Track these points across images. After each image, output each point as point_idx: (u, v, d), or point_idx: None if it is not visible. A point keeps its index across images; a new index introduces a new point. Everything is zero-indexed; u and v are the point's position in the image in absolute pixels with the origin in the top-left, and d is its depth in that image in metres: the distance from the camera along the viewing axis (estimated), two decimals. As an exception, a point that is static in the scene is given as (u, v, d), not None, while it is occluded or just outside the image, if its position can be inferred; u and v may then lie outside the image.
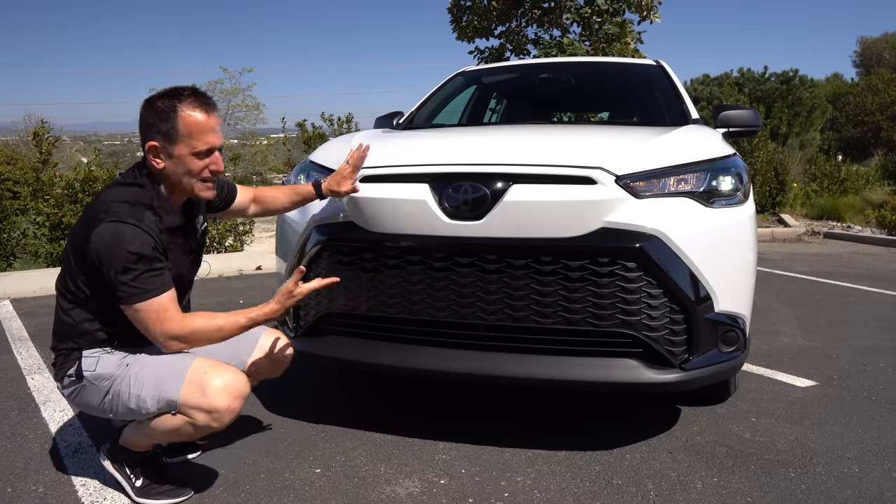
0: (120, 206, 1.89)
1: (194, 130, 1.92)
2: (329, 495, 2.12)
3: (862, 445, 2.49)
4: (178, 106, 1.92)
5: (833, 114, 28.94)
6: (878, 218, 10.55)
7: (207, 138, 1.95)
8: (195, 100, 1.95)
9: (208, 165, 1.98)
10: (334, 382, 3.17)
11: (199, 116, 1.93)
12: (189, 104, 1.93)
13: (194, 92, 1.97)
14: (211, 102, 1.99)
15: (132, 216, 1.87)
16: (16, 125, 22.40)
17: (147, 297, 1.85)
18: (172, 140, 1.93)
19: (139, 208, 1.91)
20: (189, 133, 1.92)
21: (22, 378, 3.24)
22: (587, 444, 2.47)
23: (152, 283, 1.86)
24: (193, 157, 1.95)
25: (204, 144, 1.94)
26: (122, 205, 1.90)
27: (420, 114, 3.96)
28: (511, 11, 10.42)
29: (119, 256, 1.83)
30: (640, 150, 2.39)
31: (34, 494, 2.11)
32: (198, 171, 1.97)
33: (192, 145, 1.93)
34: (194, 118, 1.92)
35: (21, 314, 4.67)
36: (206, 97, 1.99)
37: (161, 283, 1.88)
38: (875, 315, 4.78)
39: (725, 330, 2.29)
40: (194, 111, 1.93)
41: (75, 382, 2.00)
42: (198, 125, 1.93)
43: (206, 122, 1.94)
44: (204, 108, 1.95)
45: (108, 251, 1.83)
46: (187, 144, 1.93)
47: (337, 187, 2.41)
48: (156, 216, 1.95)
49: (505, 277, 2.22)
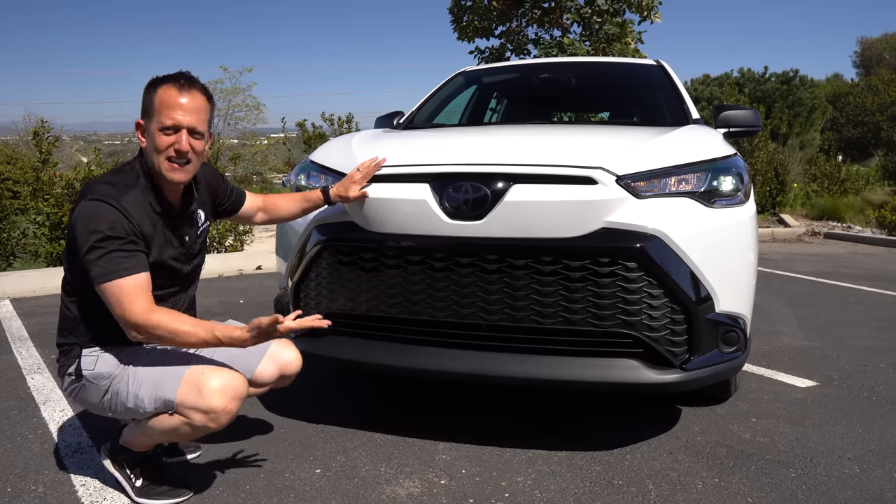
0: (102, 186, 1.92)
1: (163, 106, 1.94)
2: (329, 495, 2.11)
3: (862, 446, 2.49)
4: (158, 84, 1.97)
5: (833, 114, 28.95)
6: (879, 218, 10.55)
7: (173, 114, 1.94)
8: (174, 80, 1.97)
9: (173, 144, 1.96)
10: (334, 382, 3.17)
11: (171, 93, 1.95)
12: (168, 83, 1.96)
13: (179, 75, 2.00)
14: (189, 82, 1.99)
15: (111, 196, 1.89)
16: (16, 125, 22.41)
17: (111, 278, 1.82)
18: (149, 115, 1.97)
19: (120, 189, 1.92)
20: (160, 108, 1.95)
21: (22, 378, 3.24)
22: (588, 444, 2.47)
23: (119, 263, 1.83)
24: (160, 132, 1.95)
25: (169, 119, 1.94)
26: (104, 185, 1.92)
27: (420, 114, 3.96)
28: (511, 11, 10.43)
29: (88, 233, 1.83)
30: (641, 150, 2.39)
31: (34, 494, 2.11)
32: (163, 148, 1.96)
33: (160, 120, 1.94)
34: (166, 94, 1.95)
35: (21, 314, 4.67)
36: (186, 77, 2.00)
37: (129, 265, 1.85)
38: (875, 315, 4.77)
39: (726, 330, 2.28)
40: (170, 89, 1.95)
41: (75, 381, 2.00)
42: (167, 101, 1.94)
43: (175, 99, 1.94)
44: (178, 86, 1.96)
45: (80, 228, 1.85)
46: (157, 120, 1.95)
47: (345, 193, 2.40)
48: (141, 196, 1.96)
49: (505, 277, 2.22)
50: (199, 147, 2.01)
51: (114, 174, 2.00)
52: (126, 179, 1.97)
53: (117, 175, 1.99)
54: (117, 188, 1.92)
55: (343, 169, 2.54)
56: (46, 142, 6.81)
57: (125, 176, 1.98)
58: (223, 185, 2.36)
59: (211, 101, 2.05)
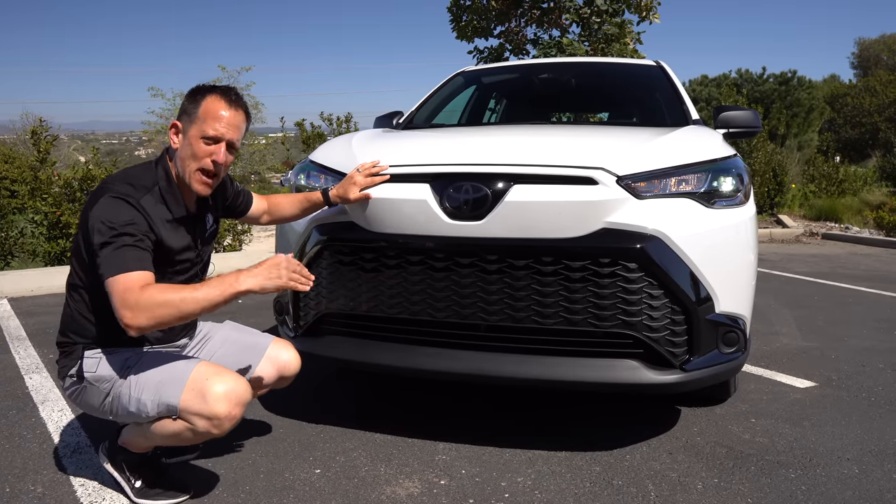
0: (121, 185, 1.92)
1: (209, 115, 1.97)
2: (329, 496, 2.11)
3: (862, 446, 2.49)
4: (208, 93, 2.01)
5: (831, 115, 29.01)
6: (876, 219, 10.56)
7: (218, 126, 1.97)
8: (224, 92, 2.02)
9: (210, 154, 1.98)
10: (334, 382, 3.16)
11: (219, 105, 1.99)
12: (217, 94, 2.01)
13: (229, 89, 2.04)
14: (239, 101, 2.04)
15: (130, 194, 1.89)
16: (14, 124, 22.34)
17: (120, 272, 1.78)
18: (190, 119, 1.99)
19: (139, 189, 1.93)
20: (205, 117, 1.97)
21: (20, 378, 3.24)
22: (587, 444, 2.47)
23: (130, 258, 1.80)
24: (201, 140, 1.97)
25: (213, 130, 1.97)
26: (123, 184, 1.93)
27: (420, 114, 3.96)
28: (510, 11, 10.43)
29: (105, 228, 1.82)
30: (642, 151, 2.39)
31: (33, 494, 2.10)
32: (200, 157, 1.97)
33: (202, 128, 1.97)
34: (214, 105, 1.98)
35: (19, 313, 4.66)
36: (237, 95, 2.04)
37: (140, 262, 1.82)
38: (874, 316, 4.78)
39: (726, 331, 2.29)
40: (219, 100, 2.00)
41: (76, 383, 1.99)
42: (215, 111, 1.98)
43: (223, 112, 1.98)
44: (228, 101, 2.01)
45: (96, 223, 1.84)
46: (199, 127, 1.97)
47: (345, 195, 2.39)
48: (159, 201, 1.97)
49: (506, 278, 2.22)
50: (230, 161, 2.05)
51: (133, 174, 2.00)
52: (145, 181, 1.97)
53: (136, 175, 1.99)
54: (136, 188, 1.93)
55: (343, 169, 2.54)
56: (44, 141, 6.80)
57: (144, 177, 1.99)
58: (233, 187, 2.36)
59: (249, 120, 2.11)
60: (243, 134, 2.08)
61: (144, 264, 1.84)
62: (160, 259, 1.96)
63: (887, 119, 28.65)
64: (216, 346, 2.25)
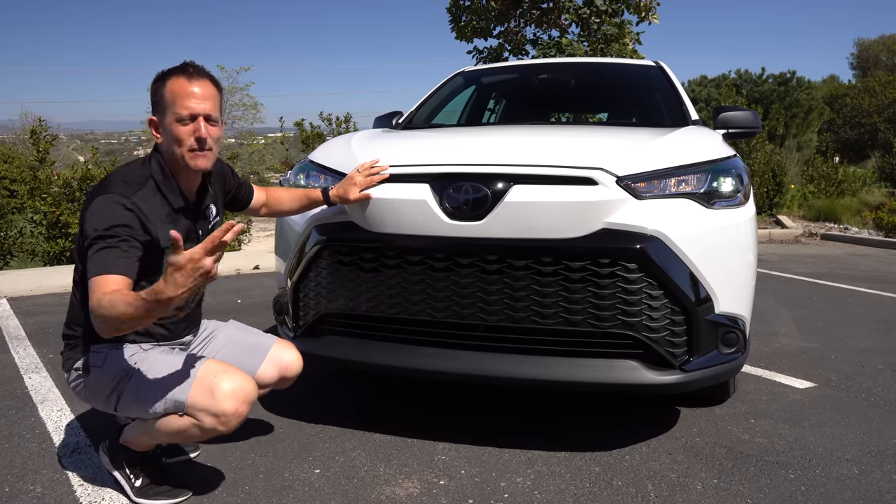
0: (116, 184, 1.91)
1: (176, 97, 1.93)
2: (328, 496, 2.11)
3: (861, 447, 2.50)
4: (166, 77, 1.96)
5: (830, 115, 29.02)
6: (875, 220, 10.57)
7: (187, 103, 1.93)
8: (183, 70, 1.96)
9: (193, 133, 1.95)
10: (333, 382, 3.16)
11: (181, 83, 1.94)
12: (176, 73, 1.96)
13: (186, 64, 1.99)
14: (197, 71, 1.98)
15: (124, 193, 1.88)
16: (13, 123, 22.33)
17: (99, 273, 1.75)
18: (162, 110, 1.96)
19: (133, 186, 1.92)
20: (172, 100, 1.94)
21: (19, 377, 3.23)
22: (587, 445, 2.47)
23: (112, 260, 1.78)
24: (177, 124, 1.94)
25: (185, 109, 1.93)
26: (118, 182, 1.92)
27: (419, 114, 3.96)
28: (510, 12, 10.42)
29: (94, 228, 1.82)
30: (641, 151, 2.39)
31: (32, 494, 2.10)
32: (183, 139, 1.95)
33: (175, 112, 1.94)
34: (177, 84, 1.94)
35: (18, 313, 4.66)
36: (194, 66, 1.99)
37: (121, 265, 1.78)
38: (873, 316, 4.79)
39: (726, 331, 2.29)
40: (179, 79, 1.95)
41: (82, 376, 1.99)
42: (179, 91, 1.93)
43: (187, 88, 1.94)
44: (187, 75, 1.96)
45: (88, 222, 1.84)
46: (171, 112, 1.94)
47: (345, 195, 2.39)
48: (155, 193, 1.96)
49: (505, 278, 2.22)
50: (215, 134, 2.01)
51: (129, 171, 1.99)
52: (140, 177, 1.96)
53: (132, 172, 1.98)
54: (131, 185, 1.92)
55: (343, 169, 2.54)
56: (43, 140, 6.79)
57: (140, 173, 1.98)
58: (234, 179, 2.36)
59: (219, 88, 2.05)
60: (219, 104, 2.02)
61: (124, 267, 1.80)
62: (159, 253, 1.95)
63: (886, 120, 28.68)
64: (219, 345, 2.25)
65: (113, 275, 1.77)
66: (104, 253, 1.80)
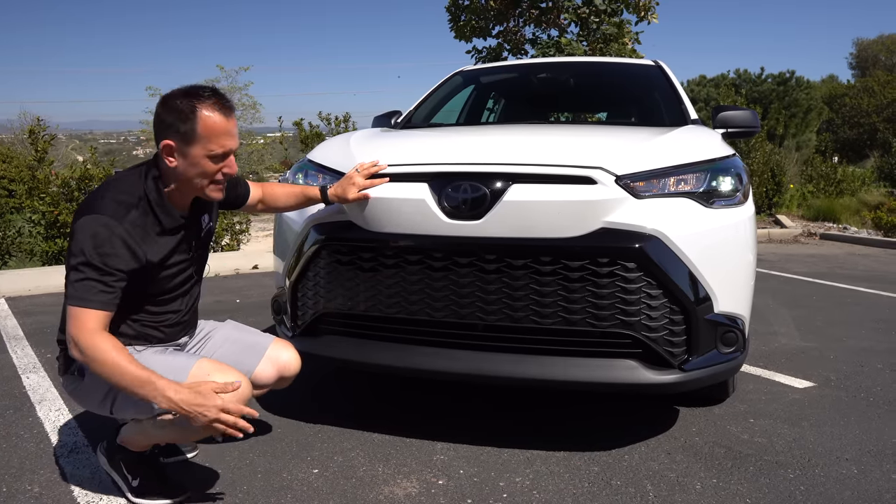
0: (106, 203, 1.87)
1: (212, 133, 1.88)
2: (327, 495, 2.11)
3: (860, 447, 2.49)
4: (197, 107, 1.86)
5: (829, 115, 29.04)
6: (874, 219, 10.58)
7: (224, 141, 1.90)
8: (215, 102, 1.89)
9: (222, 168, 1.94)
10: (331, 382, 3.16)
11: (217, 119, 1.88)
12: (209, 106, 1.88)
13: (214, 93, 1.92)
14: (230, 105, 1.94)
15: (114, 215, 1.84)
16: (11, 123, 22.28)
17: (80, 305, 1.80)
18: (189, 141, 1.88)
19: (125, 206, 1.88)
20: (207, 136, 1.87)
21: (17, 377, 3.23)
22: (586, 444, 2.46)
23: (93, 294, 1.80)
24: (208, 159, 1.90)
25: (220, 148, 1.90)
26: (110, 202, 1.87)
27: (418, 113, 3.95)
28: (509, 11, 10.42)
29: (79, 252, 1.81)
30: (640, 151, 2.39)
31: (30, 494, 2.10)
32: (211, 174, 1.93)
33: (208, 148, 1.89)
34: (213, 121, 1.87)
35: (16, 313, 4.65)
36: (227, 100, 1.94)
37: (102, 300, 1.81)
38: (872, 316, 4.78)
39: (725, 330, 2.28)
40: (214, 113, 1.88)
41: (77, 380, 1.99)
42: (216, 128, 1.88)
43: (225, 126, 1.90)
44: (223, 111, 1.90)
45: (74, 243, 1.83)
46: (204, 147, 1.88)
47: (344, 194, 2.38)
48: (147, 213, 1.92)
49: (504, 277, 2.22)
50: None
51: (123, 185, 1.93)
52: (132, 196, 1.91)
53: (126, 187, 1.93)
54: (122, 206, 1.87)
55: (341, 168, 2.53)
56: (42, 140, 6.79)
57: (133, 191, 1.92)
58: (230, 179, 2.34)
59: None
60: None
61: (105, 302, 1.82)
62: (151, 268, 1.94)
63: (885, 119, 28.70)
64: (217, 344, 2.24)
65: (93, 309, 1.80)
66: (86, 284, 1.80)
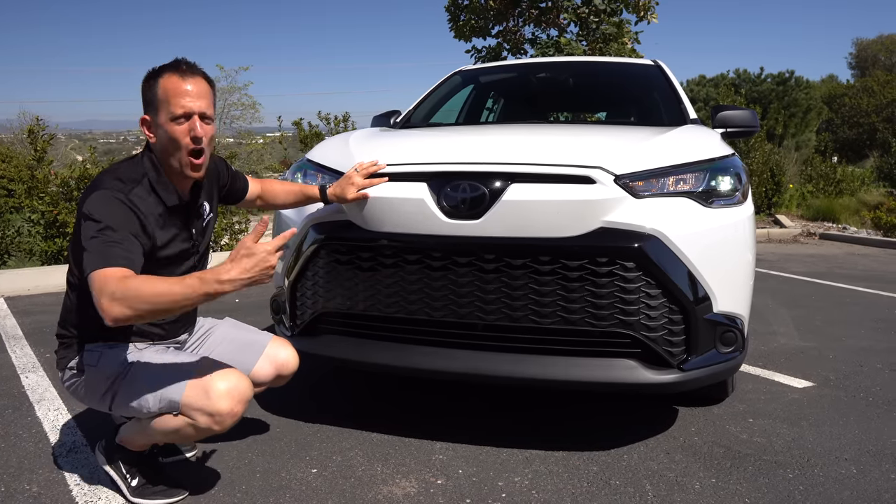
0: (111, 180, 1.89)
1: (170, 95, 1.90)
2: (325, 495, 2.10)
3: (859, 446, 2.49)
4: (159, 75, 1.93)
5: (829, 115, 29.05)
6: (874, 219, 10.58)
7: (182, 101, 1.90)
8: (175, 67, 1.93)
9: (188, 132, 1.92)
10: (330, 381, 3.16)
11: (175, 81, 1.91)
12: (168, 72, 1.92)
13: (178, 62, 1.96)
14: (190, 68, 1.95)
15: (120, 189, 1.87)
16: (11, 123, 22.26)
17: (101, 266, 1.72)
18: (155, 108, 1.93)
19: (128, 183, 1.90)
20: (165, 98, 1.90)
21: (16, 377, 3.22)
22: (585, 444, 2.46)
23: (114, 253, 1.76)
24: (172, 122, 1.91)
25: (180, 108, 1.90)
26: (113, 179, 1.90)
27: (417, 113, 3.95)
28: (508, 11, 10.41)
29: (93, 223, 1.80)
30: (639, 150, 2.39)
31: (28, 494, 2.09)
32: (179, 138, 1.92)
33: (169, 111, 1.90)
34: (171, 83, 1.91)
35: (15, 312, 4.65)
36: (187, 63, 1.96)
37: (123, 257, 1.76)
38: (871, 316, 4.78)
39: (724, 330, 2.28)
40: (173, 77, 1.91)
41: (76, 375, 1.98)
42: (173, 89, 1.90)
43: (180, 86, 1.91)
44: (180, 73, 1.92)
45: (87, 218, 1.82)
46: (166, 111, 1.91)
47: (342, 194, 2.38)
48: (150, 192, 1.94)
49: (503, 277, 2.21)
50: (210, 132, 1.98)
51: (122, 168, 1.97)
52: (134, 174, 1.94)
53: (126, 169, 1.96)
54: (125, 182, 1.90)
55: (340, 168, 2.53)
56: (41, 140, 6.78)
57: (134, 170, 1.96)
58: (228, 172, 2.34)
59: (213, 85, 2.02)
60: (213, 101, 1.99)
61: (130, 261, 1.78)
62: (155, 252, 1.94)
63: (885, 119, 28.72)
64: (215, 342, 2.24)
65: (116, 267, 1.74)
66: (105, 248, 1.76)
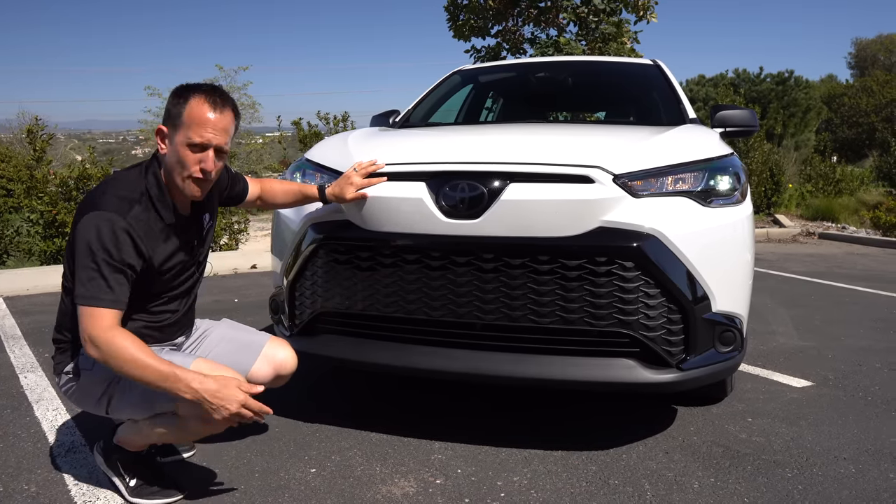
0: (110, 199, 1.86)
1: (194, 121, 1.89)
2: (324, 495, 2.10)
3: (858, 446, 2.49)
4: (191, 95, 1.91)
5: (828, 115, 29.07)
6: (873, 219, 10.59)
7: (205, 133, 1.89)
8: (209, 94, 1.92)
9: (199, 162, 1.91)
10: (329, 381, 3.15)
11: (204, 109, 1.89)
12: (201, 96, 1.91)
13: (214, 89, 1.94)
14: (226, 101, 1.94)
15: (117, 210, 1.84)
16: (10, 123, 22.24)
17: (89, 304, 1.79)
18: (176, 126, 1.91)
19: (127, 202, 1.87)
20: (189, 123, 1.89)
21: (15, 377, 3.22)
22: (583, 444, 2.46)
23: (103, 292, 1.79)
24: (187, 147, 1.90)
25: (199, 137, 1.89)
26: (112, 198, 1.87)
27: (416, 112, 3.95)
28: (508, 10, 10.41)
29: (86, 251, 1.80)
30: (638, 150, 2.39)
31: (26, 494, 2.09)
32: (188, 166, 1.91)
33: (188, 135, 1.89)
34: (199, 110, 1.89)
35: (14, 312, 4.65)
36: (223, 95, 1.95)
37: (112, 297, 1.81)
38: (870, 315, 4.79)
39: (723, 330, 2.28)
40: (203, 104, 1.90)
41: (72, 379, 1.98)
42: (200, 117, 1.89)
43: (209, 117, 1.89)
44: (213, 104, 1.91)
45: (79, 242, 1.82)
46: (184, 133, 1.89)
47: (341, 194, 2.38)
48: (149, 210, 1.92)
49: (502, 276, 2.21)
50: (220, 167, 1.98)
51: (124, 182, 1.93)
52: (133, 192, 1.91)
53: (127, 184, 1.93)
54: (124, 202, 1.87)
55: (339, 167, 2.53)
56: (40, 140, 6.79)
57: (135, 186, 1.93)
58: (228, 176, 2.32)
59: (238, 116, 2.00)
60: (232, 135, 1.99)
61: (116, 299, 1.81)
62: (156, 267, 1.94)
63: (884, 119, 28.72)
64: (213, 343, 2.24)
65: (104, 308, 1.79)
66: (95, 282, 1.79)
